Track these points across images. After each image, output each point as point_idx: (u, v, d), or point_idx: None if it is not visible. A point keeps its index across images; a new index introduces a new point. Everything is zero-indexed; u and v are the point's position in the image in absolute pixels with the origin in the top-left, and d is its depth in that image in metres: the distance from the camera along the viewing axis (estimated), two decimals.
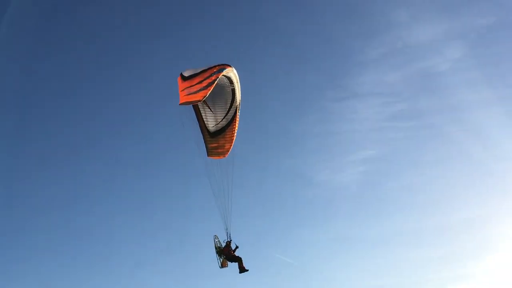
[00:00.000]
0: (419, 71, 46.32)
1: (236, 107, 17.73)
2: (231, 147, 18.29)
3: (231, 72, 16.42)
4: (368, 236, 43.00)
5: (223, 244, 17.90)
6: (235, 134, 18.11)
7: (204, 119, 17.86)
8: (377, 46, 47.23)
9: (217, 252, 17.83)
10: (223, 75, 15.79)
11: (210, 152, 18.40)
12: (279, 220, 44.93)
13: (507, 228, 40.55)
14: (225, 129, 18.03)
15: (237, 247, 17.97)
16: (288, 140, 49.11)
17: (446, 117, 45.96)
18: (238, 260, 17.62)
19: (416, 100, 47.80)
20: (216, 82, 14.64)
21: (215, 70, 15.01)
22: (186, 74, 15.22)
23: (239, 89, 17.41)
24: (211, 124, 18.00)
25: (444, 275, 38.53)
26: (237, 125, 18.04)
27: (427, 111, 47.07)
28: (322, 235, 43.31)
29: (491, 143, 43.34)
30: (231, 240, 17.93)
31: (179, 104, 14.49)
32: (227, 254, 17.72)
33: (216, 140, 18.17)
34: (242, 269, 17.53)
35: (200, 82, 14.42)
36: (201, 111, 17.72)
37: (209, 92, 14.11)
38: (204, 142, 18.25)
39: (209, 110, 17.63)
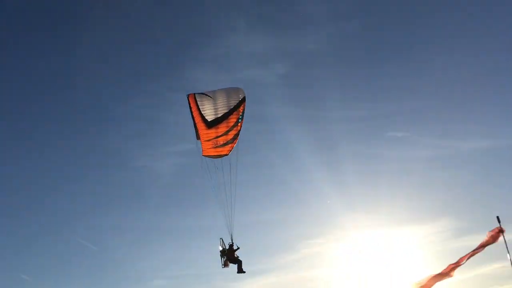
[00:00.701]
0: (247, 79, 48.29)
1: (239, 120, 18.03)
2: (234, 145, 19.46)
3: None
4: (174, 227, 47.30)
5: (227, 247, 20.60)
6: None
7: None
8: (215, 46, 49.69)
9: (221, 254, 20.50)
10: None
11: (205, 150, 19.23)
12: (85, 201, 47.81)
13: (297, 231, 47.26)
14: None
15: (238, 248, 20.38)
16: (109, 120, 51.22)
17: (258, 127, 48.67)
18: (238, 262, 20.28)
19: None
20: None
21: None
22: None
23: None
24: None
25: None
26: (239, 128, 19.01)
27: (246, 119, 49.76)
28: (129, 222, 46.89)
29: (291, 157, 48.08)
30: (233, 243, 20.48)
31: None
32: (229, 255, 20.45)
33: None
34: (240, 270, 20.21)
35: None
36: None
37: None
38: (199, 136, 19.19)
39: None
